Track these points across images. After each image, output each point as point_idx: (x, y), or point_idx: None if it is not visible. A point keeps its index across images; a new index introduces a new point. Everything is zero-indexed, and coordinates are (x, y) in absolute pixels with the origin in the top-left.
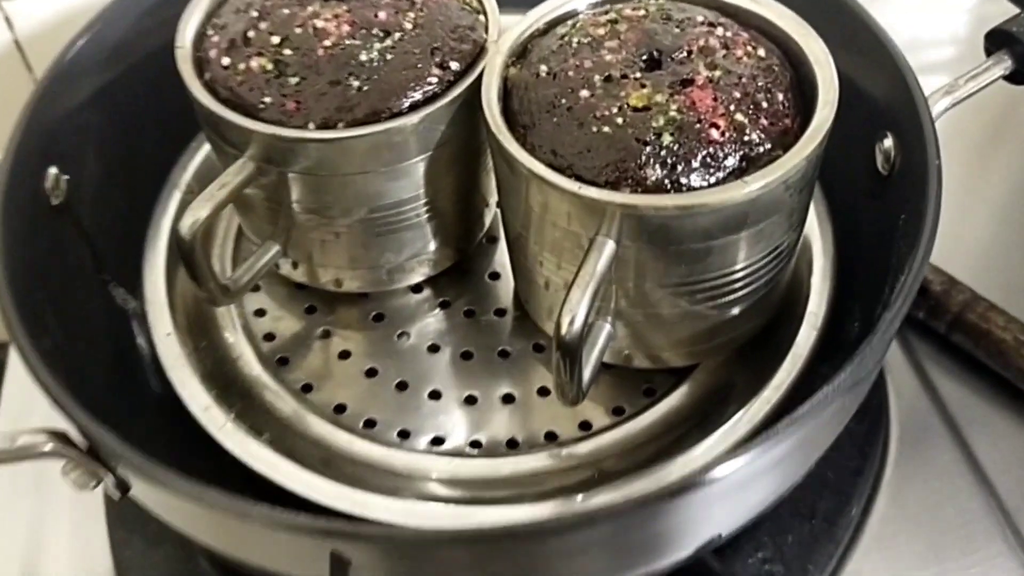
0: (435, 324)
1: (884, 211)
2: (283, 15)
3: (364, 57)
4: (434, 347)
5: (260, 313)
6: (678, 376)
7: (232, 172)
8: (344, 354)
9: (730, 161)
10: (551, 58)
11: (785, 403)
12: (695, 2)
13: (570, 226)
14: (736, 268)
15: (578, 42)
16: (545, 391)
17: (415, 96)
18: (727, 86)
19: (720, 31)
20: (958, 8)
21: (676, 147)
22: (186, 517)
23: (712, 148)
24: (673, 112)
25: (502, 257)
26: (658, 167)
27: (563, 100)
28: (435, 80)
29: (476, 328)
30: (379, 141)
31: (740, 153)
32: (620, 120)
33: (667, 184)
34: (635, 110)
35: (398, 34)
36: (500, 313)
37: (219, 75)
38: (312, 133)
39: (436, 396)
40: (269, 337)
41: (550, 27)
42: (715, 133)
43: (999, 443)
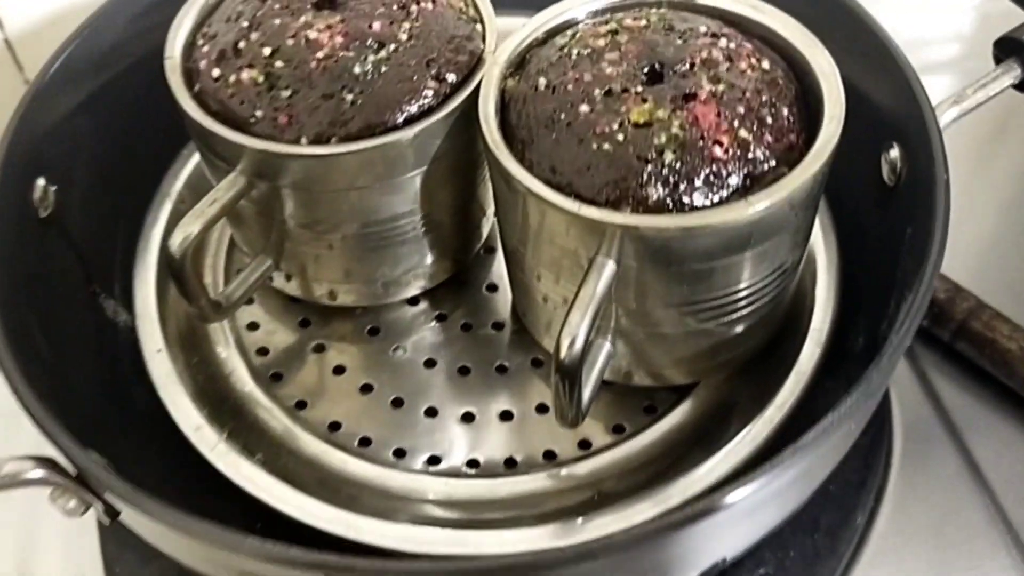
0: (431, 338)
1: (890, 222)
2: (274, 25)
3: (358, 70)
4: (430, 362)
5: (253, 327)
6: (679, 393)
7: (223, 188)
8: (339, 369)
9: (733, 179)
10: (550, 70)
11: (789, 422)
12: (698, 11)
13: (569, 245)
14: (739, 287)
15: (578, 54)
16: (543, 408)
17: (410, 110)
18: (731, 101)
19: (723, 42)
20: (962, 6)
21: (678, 165)
22: (176, 545)
23: (715, 166)
24: (675, 129)
25: (500, 268)
26: (660, 186)
27: (562, 115)
28: (431, 93)
29: (473, 342)
30: (373, 156)
31: (744, 171)
32: (621, 137)
33: (669, 203)
34: (636, 126)
35: (393, 45)
36: (498, 327)
37: (209, 87)
38: (304, 149)
39: (432, 413)
40: (262, 352)
41: (549, 37)
42: (718, 150)
43: (1004, 454)
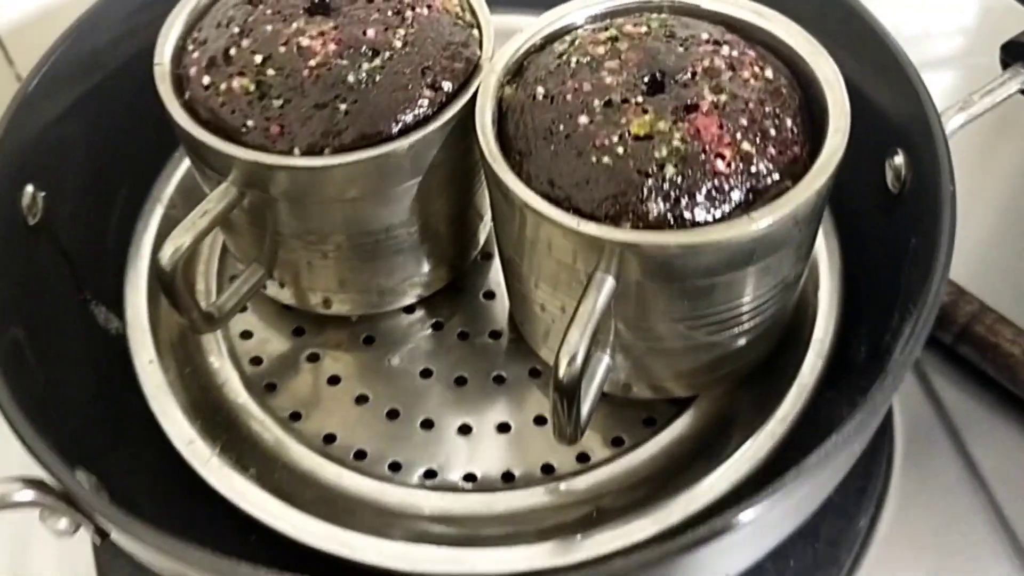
0: (427, 347)
1: (893, 230)
2: (266, 32)
3: (351, 78)
4: (427, 372)
5: (247, 335)
6: (679, 405)
7: (214, 199)
8: (333, 379)
9: (736, 194)
10: (548, 79)
11: (791, 435)
12: (700, 16)
13: (568, 260)
14: (741, 302)
15: (577, 61)
16: (541, 419)
17: (405, 119)
18: (733, 112)
19: (726, 50)
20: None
21: (679, 180)
22: (167, 567)
23: (717, 180)
24: (676, 142)
25: (497, 275)
26: (661, 201)
27: (561, 126)
28: (426, 102)
29: (470, 351)
30: (368, 168)
31: (747, 185)
32: (621, 150)
33: (670, 219)
34: (636, 139)
35: (387, 53)
36: (495, 335)
37: (199, 95)
38: (296, 160)
39: (429, 425)
40: (256, 361)
41: (547, 43)
42: (721, 164)
43: (1006, 460)
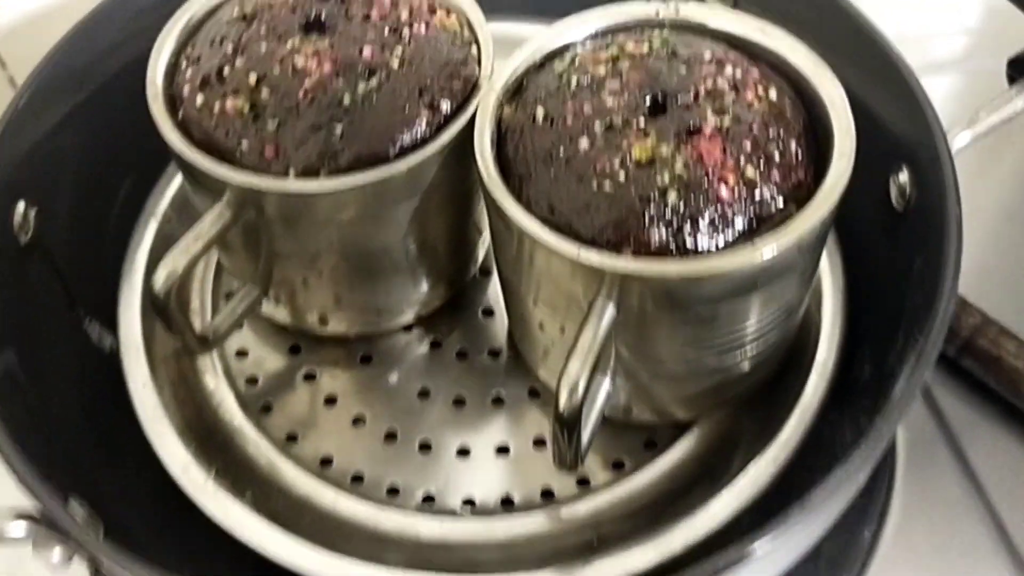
0: (425, 366)
1: (897, 249)
2: (260, 51)
3: (348, 99)
4: (424, 392)
5: (242, 354)
6: (680, 427)
7: (208, 222)
8: (330, 400)
9: (739, 221)
10: (548, 100)
11: (793, 458)
12: (702, 34)
13: (568, 286)
14: (745, 328)
15: (577, 82)
16: (541, 441)
17: (403, 140)
18: (737, 136)
19: (729, 70)
20: (968, 3)
21: (682, 206)
22: None
23: (720, 207)
24: (679, 168)
25: (495, 291)
26: (663, 228)
27: (561, 150)
28: (424, 123)
29: (468, 371)
30: (364, 191)
31: (750, 212)
32: (622, 176)
33: (672, 246)
34: (638, 165)
35: (384, 72)
36: (493, 354)
37: (193, 116)
38: (292, 184)
39: (427, 448)
40: (252, 381)
41: (547, 61)
42: (724, 190)
43: (1009, 473)
